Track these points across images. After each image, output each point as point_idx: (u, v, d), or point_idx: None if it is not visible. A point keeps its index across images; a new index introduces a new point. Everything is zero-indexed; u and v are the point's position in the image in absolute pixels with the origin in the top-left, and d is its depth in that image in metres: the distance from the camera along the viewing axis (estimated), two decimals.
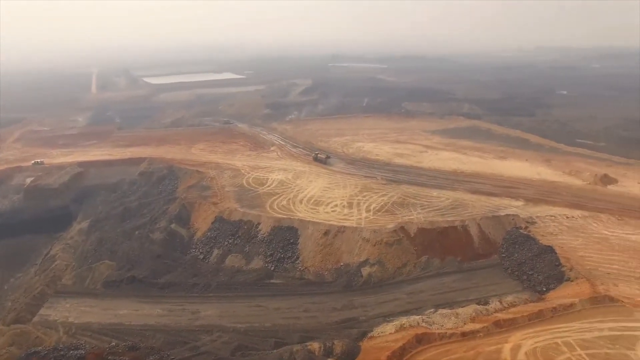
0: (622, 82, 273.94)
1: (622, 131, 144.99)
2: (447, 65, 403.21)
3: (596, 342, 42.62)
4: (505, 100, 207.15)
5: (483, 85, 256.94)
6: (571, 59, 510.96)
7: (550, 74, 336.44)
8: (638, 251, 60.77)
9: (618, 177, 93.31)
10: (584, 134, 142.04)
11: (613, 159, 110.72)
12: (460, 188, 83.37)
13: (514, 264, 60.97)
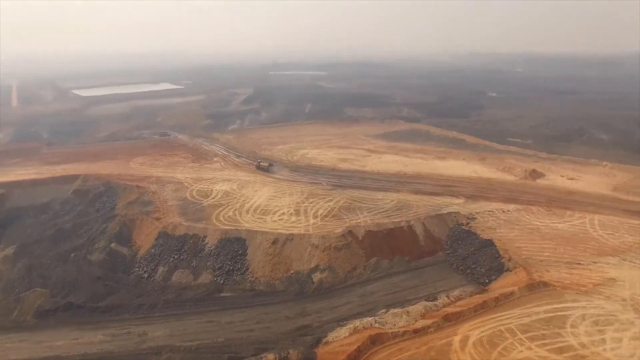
0: (542, 85, 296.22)
1: (545, 129, 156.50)
2: (385, 71, 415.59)
3: (534, 325, 45.44)
4: (441, 103, 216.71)
5: (420, 90, 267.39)
6: (498, 63, 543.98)
7: (480, 77, 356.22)
8: (564, 238, 65.79)
9: (544, 172, 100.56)
10: (513, 133, 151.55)
11: (539, 155, 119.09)
12: (404, 189, 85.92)
13: (458, 259, 63.67)
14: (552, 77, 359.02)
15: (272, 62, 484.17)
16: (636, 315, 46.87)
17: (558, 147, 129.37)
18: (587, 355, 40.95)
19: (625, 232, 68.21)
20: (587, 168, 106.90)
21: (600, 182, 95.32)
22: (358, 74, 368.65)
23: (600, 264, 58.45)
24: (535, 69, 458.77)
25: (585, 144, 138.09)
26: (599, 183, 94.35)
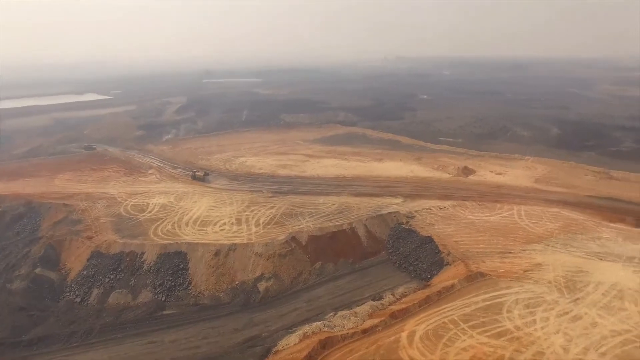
0: (467, 87, 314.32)
1: (473, 128, 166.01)
2: (320, 76, 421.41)
3: (474, 314, 47.69)
4: (376, 107, 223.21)
5: (355, 94, 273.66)
6: (426, 67, 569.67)
7: (411, 80, 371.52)
8: (496, 230, 69.85)
9: (475, 168, 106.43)
10: (445, 133, 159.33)
11: (470, 152, 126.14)
12: (344, 192, 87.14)
13: (400, 258, 65.49)
14: (475, 80, 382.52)
15: (204, 70, 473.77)
16: (559, 295, 50.69)
17: (485, 145, 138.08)
18: (521, 336, 43.61)
19: (547, 220, 73.72)
20: (512, 163, 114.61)
21: (524, 175, 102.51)
22: (293, 80, 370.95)
23: (528, 251, 62.63)
24: (460, 72, 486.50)
25: (509, 140, 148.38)
26: (523, 176, 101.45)
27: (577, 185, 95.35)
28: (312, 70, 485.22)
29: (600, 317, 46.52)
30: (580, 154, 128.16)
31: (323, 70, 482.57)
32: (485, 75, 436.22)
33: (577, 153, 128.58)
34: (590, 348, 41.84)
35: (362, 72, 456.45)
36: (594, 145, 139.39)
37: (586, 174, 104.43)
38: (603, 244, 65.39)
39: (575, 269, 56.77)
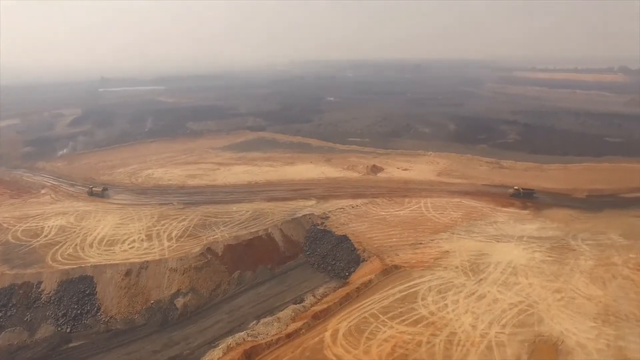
0: (371, 88, 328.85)
1: (379, 127, 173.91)
2: (226, 82, 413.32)
3: (392, 305, 49.86)
4: (284, 110, 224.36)
5: (263, 98, 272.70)
6: (331, 69, 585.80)
7: (317, 83, 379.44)
8: (407, 223, 73.76)
9: (383, 166, 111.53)
10: (353, 133, 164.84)
11: (377, 151, 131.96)
12: (257, 198, 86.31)
13: (318, 259, 66.37)
14: (378, 81, 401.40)
15: (100, 78, 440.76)
16: (466, 278, 54.92)
17: (391, 143, 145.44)
18: (436, 320, 46.47)
19: (451, 210, 79.52)
20: (416, 158, 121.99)
21: (427, 169, 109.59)
22: (198, 87, 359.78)
23: (436, 240, 66.98)
24: (364, 74, 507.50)
25: (412, 137, 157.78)
26: (427, 171, 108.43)
27: (474, 175, 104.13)
28: (217, 76, 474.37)
29: (500, 293, 51.17)
30: (474, 146, 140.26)
31: (228, 76, 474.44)
32: (387, 77, 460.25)
33: (472, 146, 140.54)
34: (493, 322, 45.80)
35: (268, 77, 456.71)
36: (485, 138, 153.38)
37: (481, 165, 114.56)
38: (499, 227, 72.09)
39: (478, 253, 61.85)
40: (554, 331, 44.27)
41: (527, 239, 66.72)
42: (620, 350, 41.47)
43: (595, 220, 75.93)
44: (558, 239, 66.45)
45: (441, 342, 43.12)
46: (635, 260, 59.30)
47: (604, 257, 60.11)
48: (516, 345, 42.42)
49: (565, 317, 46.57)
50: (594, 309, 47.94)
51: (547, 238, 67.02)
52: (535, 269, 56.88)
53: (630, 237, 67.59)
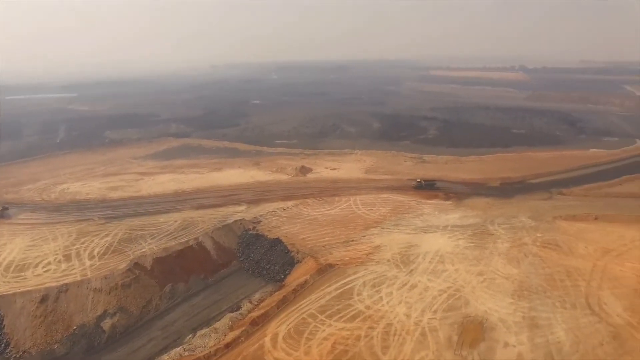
0: (296, 89, 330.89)
1: (305, 128, 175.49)
2: (144, 87, 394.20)
3: (329, 303, 50.53)
4: (208, 115, 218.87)
5: (185, 104, 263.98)
6: (255, 72, 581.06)
7: (241, 86, 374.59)
8: (338, 221, 75.18)
9: (312, 166, 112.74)
10: (280, 135, 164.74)
11: (305, 152, 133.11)
12: (185, 207, 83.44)
13: (252, 264, 65.58)
14: (303, 82, 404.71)
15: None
16: (398, 270, 57.13)
17: (318, 143, 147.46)
18: (372, 314, 47.81)
19: (379, 206, 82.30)
20: (344, 157, 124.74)
21: (355, 168, 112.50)
22: (114, 93, 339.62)
23: (367, 236, 68.93)
24: (288, 76, 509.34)
25: (339, 137, 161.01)
26: (355, 169, 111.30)
27: (399, 171, 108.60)
28: (134, 81, 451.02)
29: (430, 281, 53.85)
30: (398, 143, 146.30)
31: (146, 81, 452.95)
32: (312, 78, 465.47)
33: (396, 143, 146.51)
34: (425, 309, 48.09)
35: (190, 81, 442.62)
36: (408, 134, 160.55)
37: (405, 161, 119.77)
38: (425, 219, 75.82)
39: (407, 245, 64.58)
40: (479, 311, 47.46)
41: (451, 228, 70.86)
42: (533, 320, 45.62)
43: (508, 206, 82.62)
44: (478, 226, 71.32)
45: (379, 334, 44.47)
46: (541, 239, 65.36)
47: (517, 239, 65.57)
48: (447, 328, 44.89)
49: (487, 297, 50.10)
50: (511, 287, 52.09)
51: (469, 225, 71.68)
52: (460, 255, 60.57)
53: (537, 218, 74.52)
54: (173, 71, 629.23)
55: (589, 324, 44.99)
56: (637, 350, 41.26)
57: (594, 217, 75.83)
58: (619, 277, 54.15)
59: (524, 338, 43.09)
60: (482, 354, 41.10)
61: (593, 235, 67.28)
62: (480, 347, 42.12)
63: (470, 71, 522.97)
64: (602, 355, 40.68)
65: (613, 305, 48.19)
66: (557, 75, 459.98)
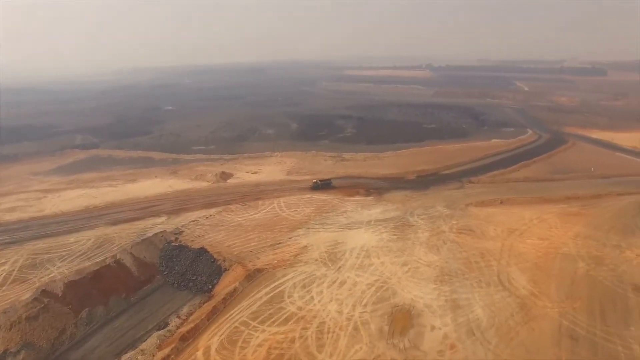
0: (211, 93, 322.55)
1: (223, 133, 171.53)
2: (40, 96, 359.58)
3: (261, 309, 49.82)
4: (118, 124, 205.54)
5: (91, 113, 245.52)
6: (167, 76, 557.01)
7: (152, 92, 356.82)
8: (263, 225, 74.50)
9: (232, 171, 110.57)
10: (197, 141, 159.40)
11: (224, 157, 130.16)
12: (99, 224, 77.66)
13: (177, 277, 62.64)
14: (217, 86, 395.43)
15: None
16: (326, 268, 57.93)
17: (238, 147, 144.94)
18: (305, 315, 47.96)
19: (303, 206, 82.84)
20: (264, 160, 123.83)
21: (276, 170, 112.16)
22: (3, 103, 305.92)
23: (293, 237, 69.03)
24: (201, 79, 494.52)
25: (258, 140, 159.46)
26: (276, 171, 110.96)
27: (320, 170, 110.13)
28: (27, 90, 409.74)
29: (358, 276, 55.25)
30: (317, 143, 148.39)
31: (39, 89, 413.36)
32: (226, 81, 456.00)
33: (315, 143, 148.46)
34: (356, 304, 49.25)
35: (94, 88, 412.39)
36: (326, 134, 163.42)
37: (325, 160, 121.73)
38: (349, 216, 77.65)
39: (334, 243, 65.68)
40: (406, 299, 49.63)
41: (374, 222, 73.31)
42: (455, 302, 48.79)
43: (425, 197, 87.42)
44: (399, 218, 74.57)
45: (313, 333, 44.70)
46: (457, 226, 70.04)
47: (435, 227, 69.59)
48: (378, 319, 46.34)
49: (413, 285, 52.54)
50: (433, 273, 55.15)
51: (390, 219, 74.67)
52: (384, 248, 62.85)
53: (451, 206, 79.73)
54: (73, 78, 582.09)
55: (501, 299, 49.03)
56: (540, 316, 45.88)
57: (500, 201, 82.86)
58: (522, 253, 59.65)
59: (448, 320, 45.82)
60: (412, 340, 43.00)
61: (500, 218, 73.47)
62: (410, 333, 44.04)
63: (382, 70, 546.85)
64: (513, 324, 44.60)
65: (519, 279, 52.98)
66: (459, 73, 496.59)
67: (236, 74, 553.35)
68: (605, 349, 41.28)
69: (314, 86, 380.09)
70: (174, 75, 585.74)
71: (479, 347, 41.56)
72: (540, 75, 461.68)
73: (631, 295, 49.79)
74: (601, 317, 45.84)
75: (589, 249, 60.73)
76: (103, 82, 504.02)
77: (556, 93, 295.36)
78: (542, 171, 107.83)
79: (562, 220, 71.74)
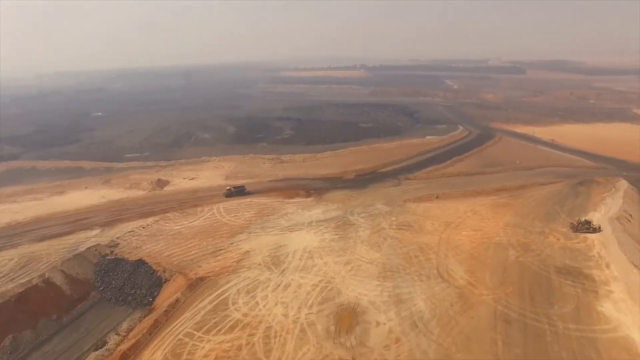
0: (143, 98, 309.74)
1: (157, 139, 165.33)
2: None
3: (205, 318, 48.71)
4: (41, 132, 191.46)
5: (9, 121, 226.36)
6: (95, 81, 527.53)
7: (80, 97, 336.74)
8: (204, 232, 72.81)
9: (169, 178, 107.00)
10: (130, 148, 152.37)
11: (160, 164, 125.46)
12: (23, 241, 72.03)
13: (115, 292, 59.64)
14: (150, 90, 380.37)
15: None
16: (270, 272, 57.73)
17: (173, 153, 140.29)
18: (251, 321, 47.49)
19: (244, 211, 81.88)
20: (201, 166, 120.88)
21: (214, 175, 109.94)
22: None
23: (235, 243, 68.05)
24: (133, 84, 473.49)
25: (194, 145, 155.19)
26: (214, 176, 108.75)
27: (259, 173, 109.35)
28: None
29: (302, 278, 55.55)
30: (255, 146, 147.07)
31: None
32: (159, 85, 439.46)
33: (253, 145, 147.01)
34: (302, 306, 49.52)
35: (11, 94, 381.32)
36: (264, 136, 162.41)
37: (264, 163, 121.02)
38: (290, 218, 77.77)
39: (276, 246, 65.53)
40: (351, 298, 50.61)
41: (315, 223, 73.99)
42: (398, 297, 50.46)
43: (365, 195, 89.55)
44: (340, 218, 75.82)
45: (259, 339, 44.38)
46: (396, 222, 72.44)
47: (376, 225, 71.53)
48: (324, 320, 46.88)
49: (356, 283, 53.68)
50: (376, 270, 56.67)
51: (332, 219, 75.73)
52: (327, 248, 63.65)
53: (390, 203, 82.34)
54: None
55: (441, 290, 51.36)
56: (477, 304, 48.60)
57: (436, 196, 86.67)
58: (458, 245, 62.85)
59: (392, 314, 47.29)
60: (359, 337, 43.95)
61: (436, 212, 76.87)
62: (356, 331, 44.97)
63: (318, 71, 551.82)
64: (453, 314, 46.88)
65: (457, 270, 55.78)
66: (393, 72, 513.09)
67: (169, 78, 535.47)
68: (534, 328, 44.52)
69: (250, 88, 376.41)
70: (102, 79, 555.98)
71: (423, 339, 43.29)
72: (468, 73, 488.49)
73: (554, 277, 54.07)
74: (530, 300, 49.39)
75: (518, 237, 65.17)
76: (23, 87, 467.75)
77: (483, 90, 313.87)
78: (474, 165, 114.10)
79: (493, 211, 76.38)
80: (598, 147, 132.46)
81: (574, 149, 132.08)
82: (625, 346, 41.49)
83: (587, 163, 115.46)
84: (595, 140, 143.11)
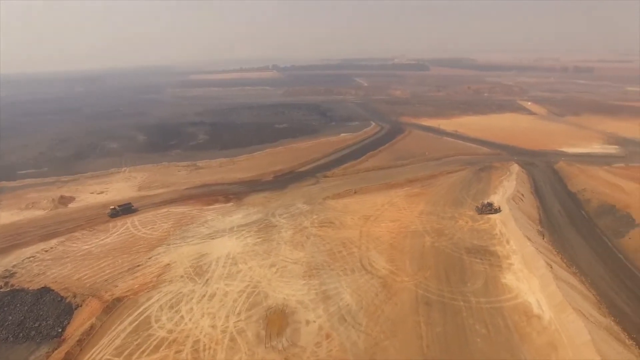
0: (36, 107, 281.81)
1: (57, 152, 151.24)
2: None
3: (126, 341, 45.44)
4: None
5: None
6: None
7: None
8: (118, 249, 67.96)
9: (74, 194, 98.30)
10: (24, 164, 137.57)
11: (62, 179, 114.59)
12: None
13: (13, 328, 53.08)
14: (44, 98, 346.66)
15: None
16: (193, 284, 55.48)
17: (77, 166, 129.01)
18: (177, 337, 45.17)
19: (161, 222, 77.80)
20: (110, 178, 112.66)
21: (126, 187, 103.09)
22: None
23: (154, 257, 64.40)
24: (20, 92, 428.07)
25: (100, 156, 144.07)
26: (126, 188, 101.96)
27: (174, 182, 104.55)
28: None
29: (228, 286, 54.10)
30: (168, 153, 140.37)
31: None
32: (56, 92, 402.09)
33: (165, 153, 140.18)
34: (229, 314, 48.20)
35: None
36: (177, 143, 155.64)
37: (179, 170, 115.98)
38: (210, 225, 75.34)
39: (198, 255, 63.13)
40: (279, 300, 50.26)
41: (237, 228, 72.45)
42: (325, 293, 51.17)
43: (284, 196, 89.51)
44: (261, 220, 75.00)
45: (188, 355, 42.42)
46: (317, 220, 73.35)
47: (298, 224, 71.80)
48: (254, 325, 46.03)
49: (283, 285, 53.44)
50: (301, 269, 56.89)
51: (253, 222, 74.65)
52: (250, 252, 62.60)
53: (310, 202, 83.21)
54: None
55: (365, 282, 52.90)
56: (400, 290, 50.89)
57: (354, 191, 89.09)
58: (378, 237, 65.20)
59: (320, 311, 47.75)
60: (290, 338, 43.77)
61: (355, 206, 79.06)
62: (286, 332, 44.75)
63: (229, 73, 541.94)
64: (378, 303, 48.57)
65: (379, 261, 57.84)
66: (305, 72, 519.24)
67: (69, 84, 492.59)
68: (451, 307, 47.58)
69: (159, 93, 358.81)
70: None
71: (352, 331, 44.22)
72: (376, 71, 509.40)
73: (465, 257, 58.23)
74: (446, 281, 52.69)
75: (432, 224, 69.17)
76: None
77: (391, 87, 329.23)
78: (387, 159, 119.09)
79: (407, 201, 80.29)
80: (493, 135, 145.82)
81: (474, 138, 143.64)
82: (524, 310, 46.57)
83: (486, 150, 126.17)
84: (491, 129, 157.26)
